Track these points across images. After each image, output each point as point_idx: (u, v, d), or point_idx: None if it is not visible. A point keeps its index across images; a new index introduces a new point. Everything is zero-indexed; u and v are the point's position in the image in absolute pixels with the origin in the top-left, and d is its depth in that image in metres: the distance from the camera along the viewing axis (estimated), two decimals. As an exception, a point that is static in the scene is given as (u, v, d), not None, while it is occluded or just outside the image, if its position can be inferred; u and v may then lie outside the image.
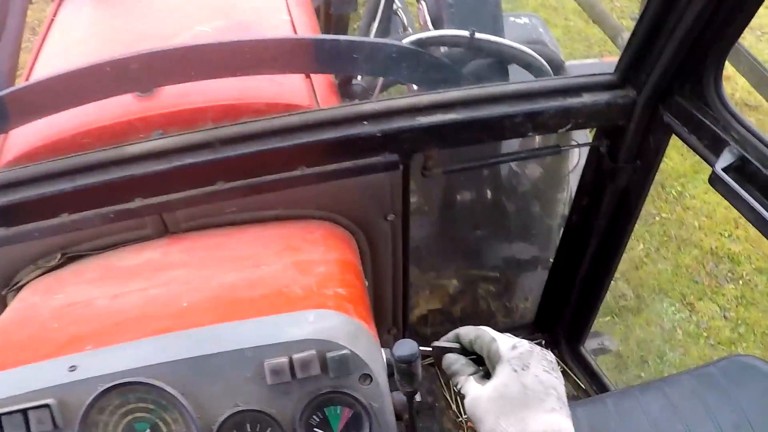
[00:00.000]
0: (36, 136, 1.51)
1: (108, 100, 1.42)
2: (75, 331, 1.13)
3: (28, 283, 1.47)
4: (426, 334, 1.37)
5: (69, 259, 1.47)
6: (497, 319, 2.13)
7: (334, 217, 1.49)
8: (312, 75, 1.63)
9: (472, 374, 1.03)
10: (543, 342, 2.19)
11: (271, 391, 0.99)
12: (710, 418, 1.49)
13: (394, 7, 2.47)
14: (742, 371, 1.59)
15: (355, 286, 1.19)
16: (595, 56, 4.74)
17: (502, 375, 0.97)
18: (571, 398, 1.99)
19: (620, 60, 1.50)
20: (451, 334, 1.09)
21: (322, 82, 1.66)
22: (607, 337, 2.24)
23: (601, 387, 2.15)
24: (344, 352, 0.98)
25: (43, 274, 1.46)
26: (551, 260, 2.04)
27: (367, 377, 1.01)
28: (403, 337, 1.15)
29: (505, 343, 1.01)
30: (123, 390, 0.98)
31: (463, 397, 1.01)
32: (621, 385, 2.68)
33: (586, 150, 1.78)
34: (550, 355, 1.00)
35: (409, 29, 2.34)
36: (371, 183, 1.43)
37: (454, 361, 1.06)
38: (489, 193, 2.00)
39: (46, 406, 0.96)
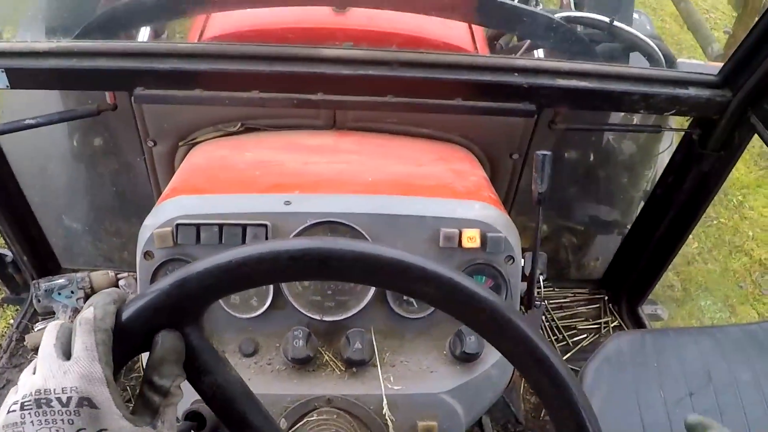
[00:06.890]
0: (240, 22, 1.79)
1: (308, 8, 1.73)
2: (279, 180, 1.43)
3: (203, 141, 1.72)
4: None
5: (247, 129, 1.72)
6: (570, 270, 2.43)
7: (471, 146, 1.78)
8: (474, 27, 1.94)
9: None
10: (606, 298, 2.48)
11: (441, 253, 1.31)
12: (750, 367, 1.76)
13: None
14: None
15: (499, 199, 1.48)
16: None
17: None
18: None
19: (724, 65, 1.76)
20: None
21: (480, 36, 1.97)
22: (660, 307, 2.49)
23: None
24: (501, 234, 1.30)
25: (221, 137, 1.71)
26: (628, 227, 2.32)
27: (511, 258, 1.33)
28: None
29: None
30: (328, 227, 1.29)
31: None
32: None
33: (678, 136, 2.04)
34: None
35: (540, 4, 2.62)
36: (508, 124, 1.72)
37: None
38: (591, 157, 2.30)
39: (264, 225, 1.27)
